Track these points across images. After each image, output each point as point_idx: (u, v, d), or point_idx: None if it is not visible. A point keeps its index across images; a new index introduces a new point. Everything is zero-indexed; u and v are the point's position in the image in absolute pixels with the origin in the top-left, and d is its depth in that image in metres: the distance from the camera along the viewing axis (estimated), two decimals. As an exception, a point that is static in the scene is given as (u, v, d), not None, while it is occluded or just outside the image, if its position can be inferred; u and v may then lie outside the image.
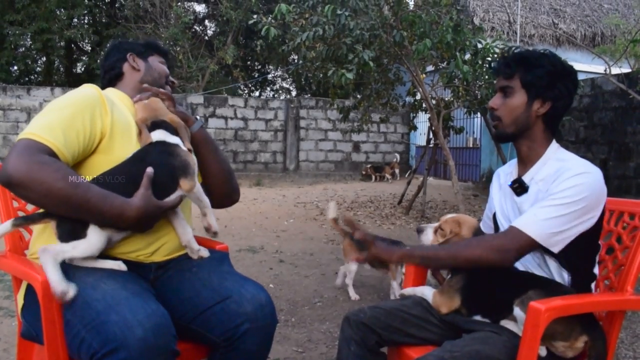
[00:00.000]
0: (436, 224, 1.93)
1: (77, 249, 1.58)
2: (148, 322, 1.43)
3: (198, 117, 2.02)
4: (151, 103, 1.87)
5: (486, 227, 2.13)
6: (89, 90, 1.78)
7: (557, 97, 1.78)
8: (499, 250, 1.64)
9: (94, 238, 1.59)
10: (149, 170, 1.66)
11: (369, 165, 15.04)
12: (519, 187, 1.82)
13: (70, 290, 1.50)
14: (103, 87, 2.00)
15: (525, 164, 1.85)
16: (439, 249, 1.76)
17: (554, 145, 1.82)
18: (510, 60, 1.80)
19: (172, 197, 1.72)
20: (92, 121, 1.69)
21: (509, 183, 1.87)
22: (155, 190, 1.65)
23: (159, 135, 1.79)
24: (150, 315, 1.45)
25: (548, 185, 1.72)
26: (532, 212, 1.67)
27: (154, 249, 1.80)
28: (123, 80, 2.03)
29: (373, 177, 14.44)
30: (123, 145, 1.75)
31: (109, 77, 2.04)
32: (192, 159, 1.81)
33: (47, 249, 1.55)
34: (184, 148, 1.80)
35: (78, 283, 1.53)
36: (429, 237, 1.93)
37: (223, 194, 2.09)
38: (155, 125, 1.81)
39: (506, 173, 1.99)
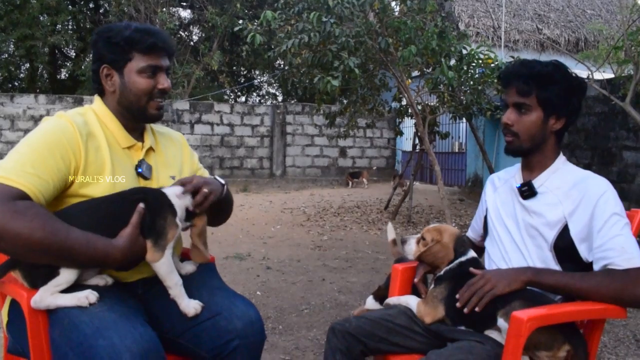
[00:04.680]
0: (418, 235, 1.96)
1: (59, 286, 1.54)
2: (136, 346, 1.42)
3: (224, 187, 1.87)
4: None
5: (474, 230, 2.15)
6: (61, 124, 1.66)
7: (571, 112, 1.82)
8: (631, 296, 1.60)
9: (68, 272, 1.54)
10: (140, 206, 1.60)
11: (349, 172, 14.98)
12: (528, 190, 1.85)
13: (90, 295, 1.52)
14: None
15: (531, 171, 1.88)
16: (571, 279, 1.65)
17: (562, 157, 1.87)
18: (527, 77, 1.77)
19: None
20: (64, 160, 1.60)
21: (517, 185, 1.89)
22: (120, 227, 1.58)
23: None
24: (138, 340, 1.44)
25: (565, 196, 1.76)
26: (615, 247, 1.62)
27: (137, 272, 1.75)
28: (106, 95, 1.81)
29: (350, 183, 14.35)
30: (94, 188, 1.65)
31: (96, 89, 1.83)
32: (173, 233, 1.65)
33: (37, 299, 1.51)
34: (177, 222, 1.66)
35: None
36: (412, 247, 1.96)
37: (215, 225, 2.06)
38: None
39: (503, 179, 2.03)
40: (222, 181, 1.87)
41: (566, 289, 1.64)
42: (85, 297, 1.52)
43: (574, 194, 1.75)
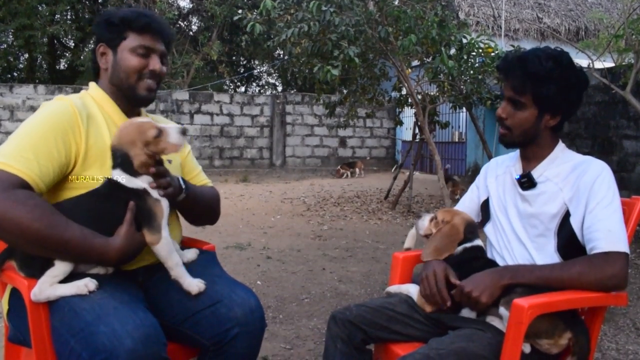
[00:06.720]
0: (432, 214, 1.99)
1: (56, 277, 1.53)
2: (137, 332, 1.42)
3: (181, 182, 1.75)
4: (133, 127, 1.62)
5: (472, 211, 2.12)
6: (62, 107, 1.66)
7: (568, 109, 1.80)
8: (611, 278, 1.58)
9: (63, 263, 1.54)
10: (132, 204, 1.59)
11: (338, 167, 14.45)
12: (527, 182, 1.84)
13: (89, 283, 1.52)
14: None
15: (529, 161, 1.88)
16: (550, 272, 1.64)
17: (561, 145, 1.86)
18: (523, 76, 1.74)
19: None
20: (65, 144, 1.60)
21: (517, 176, 1.88)
22: (112, 229, 1.57)
23: (117, 175, 1.60)
24: (139, 326, 1.44)
25: (565, 182, 1.75)
26: (602, 229, 1.62)
27: (138, 260, 1.74)
28: (100, 76, 1.83)
29: (346, 173, 13.96)
30: (96, 173, 1.65)
31: (93, 69, 1.86)
32: (160, 209, 1.63)
33: (36, 291, 1.51)
34: (153, 195, 1.62)
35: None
36: (424, 223, 1.98)
37: (198, 224, 2.09)
38: (115, 158, 1.61)
39: (505, 165, 2.01)
40: (182, 185, 1.77)
41: (548, 282, 1.62)
42: (85, 285, 1.53)
43: (572, 178, 1.75)
